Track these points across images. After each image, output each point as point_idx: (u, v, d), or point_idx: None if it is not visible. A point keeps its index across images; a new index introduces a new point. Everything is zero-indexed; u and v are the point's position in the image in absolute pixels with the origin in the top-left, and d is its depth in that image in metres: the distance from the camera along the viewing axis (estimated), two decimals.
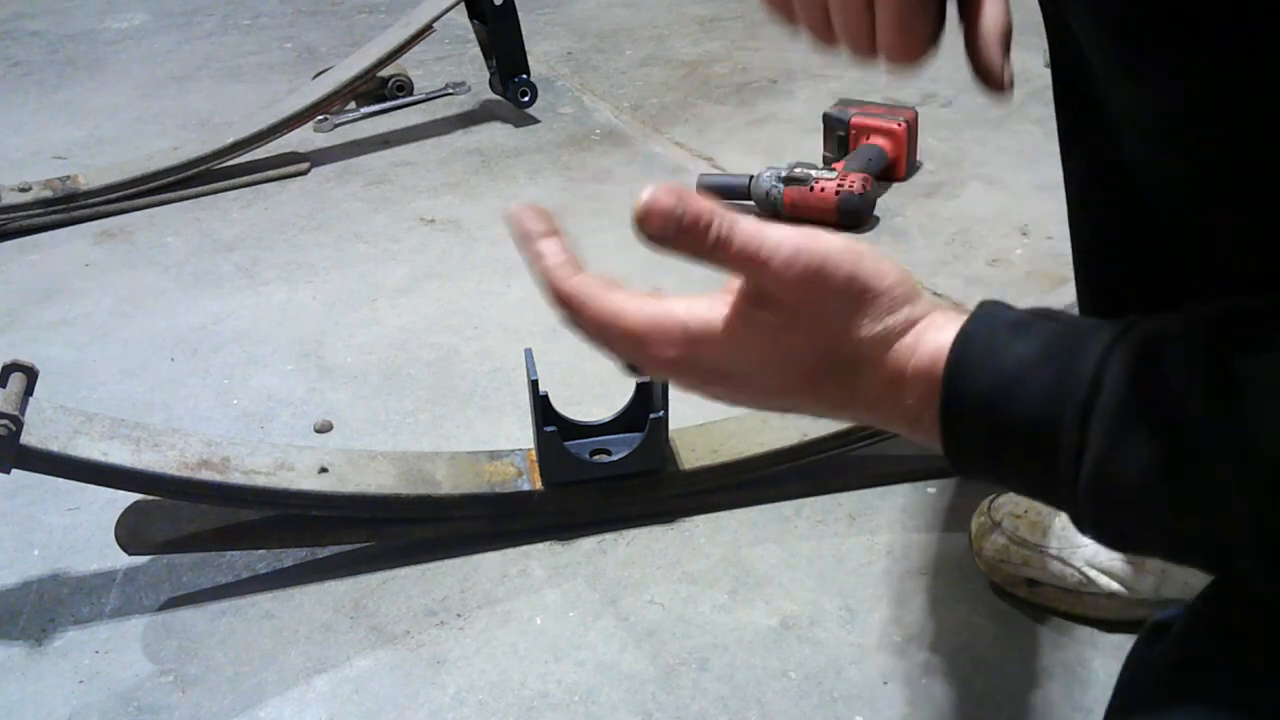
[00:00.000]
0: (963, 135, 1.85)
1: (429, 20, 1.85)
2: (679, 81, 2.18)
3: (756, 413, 1.07)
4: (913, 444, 1.05)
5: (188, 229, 1.67)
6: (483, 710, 0.85)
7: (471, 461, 1.01)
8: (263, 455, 0.94)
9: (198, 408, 1.23)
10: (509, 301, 1.43)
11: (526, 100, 1.98)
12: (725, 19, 2.55)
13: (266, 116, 1.79)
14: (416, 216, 1.67)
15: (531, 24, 2.32)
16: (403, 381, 1.26)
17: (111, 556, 0.98)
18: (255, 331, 1.38)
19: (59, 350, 1.36)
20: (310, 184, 1.80)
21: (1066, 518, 0.88)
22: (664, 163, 1.81)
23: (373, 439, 1.17)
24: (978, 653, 0.87)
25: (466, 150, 1.90)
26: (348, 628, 0.93)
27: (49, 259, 1.60)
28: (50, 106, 2.20)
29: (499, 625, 0.92)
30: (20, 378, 0.87)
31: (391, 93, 2.08)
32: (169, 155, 1.75)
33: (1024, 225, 1.55)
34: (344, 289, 1.48)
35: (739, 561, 0.98)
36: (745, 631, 0.90)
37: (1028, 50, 2.18)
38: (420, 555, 0.99)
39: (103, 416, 0.90)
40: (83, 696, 0.87)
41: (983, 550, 0.91)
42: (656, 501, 1.02)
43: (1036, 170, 1.71)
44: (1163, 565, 0.83)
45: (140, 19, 2.75)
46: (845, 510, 1.03)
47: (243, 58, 2.44)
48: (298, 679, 0.88)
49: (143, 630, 0.93)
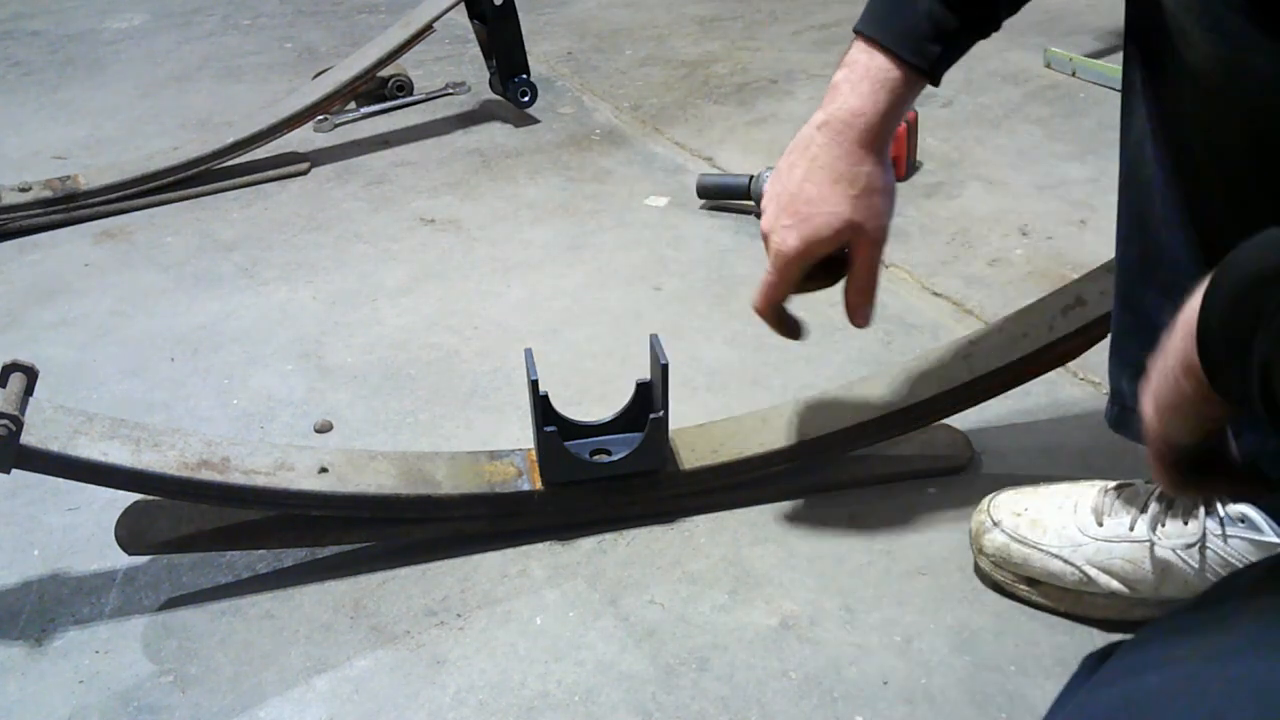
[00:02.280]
0: (963, 135, 1.85)
1: (429, 20, 1.85)
2: (679, 81, 2.18)
3: (756, 412, 1.07)
4: (912, 444, 1.05)
5: (188, 229, 1.67)
6: (483, 710, 0.85)
7: (471, 461, 1.01)
8: (263, 455, 0.94)
9: (198, 408, 1.23)
10: (509, 301, 1.43)
11: (526, 100, 1.98)
12: (725, 19, 2.55)
13: (266, 116, 1.79)
14: (416, 216, 1.67)
15: (531, 24, 2.32)
16: (403, 381, 1.26)
17: (111, 556, 0.98)
18: (255, 331, 1.38)
19: (59, 350, 1.36)
20: (310, 184, 1.80)
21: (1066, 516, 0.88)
22: (664, 163, 1.81)
23: (373, 439, 1.17)
24: (978, 653, 0.87)
25: (466, 150, 1.90)
26: (348, 628, 0.93)
27: (49, 259, 1.60)
28: (50, 106, 2.20)
29: (499, 625, 0.92)
30: (20, 378, 0.87)
31: (391, 93, 2.08)
32: (169, 155, 1.75)
33: (1024, 225, 1.55)
34: (344, 289, 1.48)
35: (739, 561, 0.98)
36: (745, 631, 0.90)
37: (1028, 50, 2.18)
38: (420, 555, 0.99)
39: (103, 416, 0.90)
40: (83, 696, 0.87)
41: (983, 548, 0.91)
42: (656, 501, 1.02)
43: (1036, 170, 1.71)
44: (1164, 565, 0.83)
45: (140, 19, 2.75)
46: (845, 510, 1.03)
47: (243, 58, 2.44)
48: (298, 679, 0.88)
49: (143, 630, 0.93)
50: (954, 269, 1.45)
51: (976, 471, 1.07)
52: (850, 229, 0.82)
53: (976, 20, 0.81)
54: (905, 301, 1.38)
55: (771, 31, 2.45)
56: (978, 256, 1.48)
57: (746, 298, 0.93)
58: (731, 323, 1.32)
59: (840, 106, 0.81)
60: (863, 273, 0.85)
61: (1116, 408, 0.86)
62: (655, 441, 0.97)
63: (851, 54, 0.81)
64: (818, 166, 0.81)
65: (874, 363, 1.23)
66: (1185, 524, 0.83)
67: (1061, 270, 1.41)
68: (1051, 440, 1.11)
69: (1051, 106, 1.94)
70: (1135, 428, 0.85)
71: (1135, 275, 0.82)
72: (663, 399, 0.96)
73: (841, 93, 0.81)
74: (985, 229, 1.55)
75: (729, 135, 1.91)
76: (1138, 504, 0.86)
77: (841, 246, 0.84)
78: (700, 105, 2.05)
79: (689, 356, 1.26)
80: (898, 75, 0.79)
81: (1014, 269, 1.44)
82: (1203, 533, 0.82)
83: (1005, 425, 1.12)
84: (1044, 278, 1.40)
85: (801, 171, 0.82)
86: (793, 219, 0.82)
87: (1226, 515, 0.82)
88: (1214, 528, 0.82)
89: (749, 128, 1.94)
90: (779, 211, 0.83)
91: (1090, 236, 1.50)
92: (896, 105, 0.81)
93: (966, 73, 2.10)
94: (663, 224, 1.60)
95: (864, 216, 0.82)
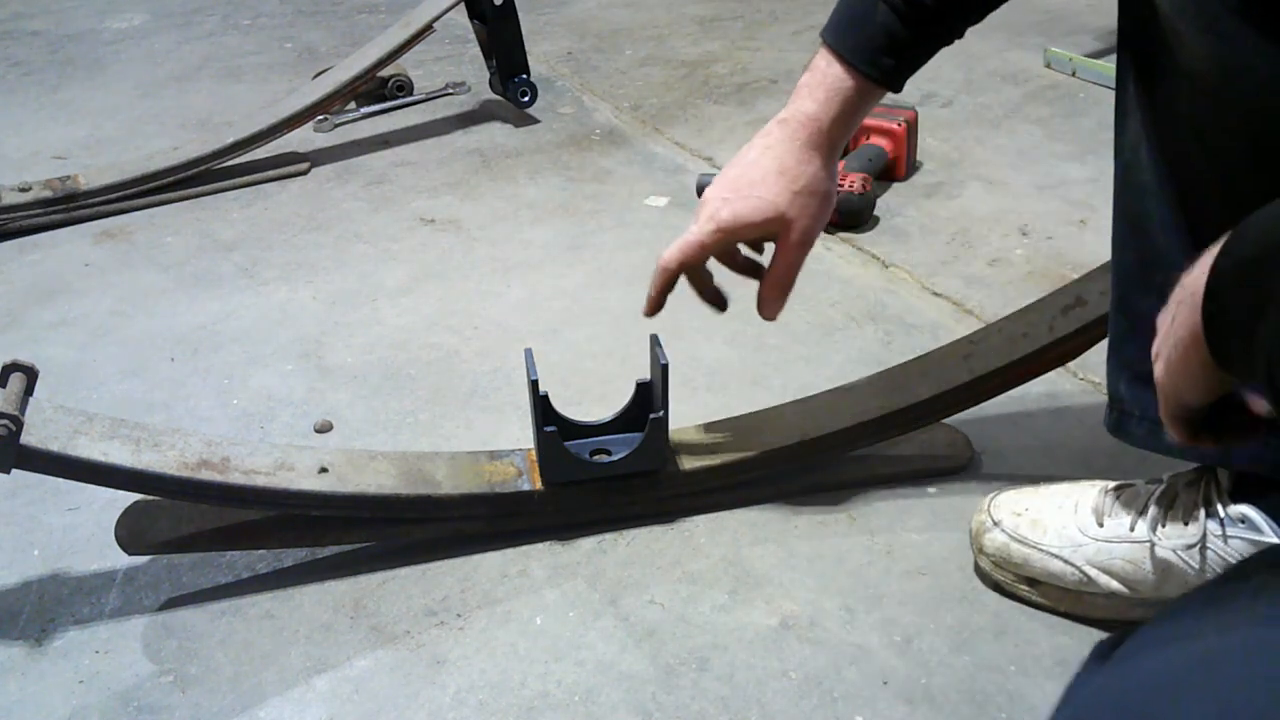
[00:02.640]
0: (963, 135, 1.85)
1: (429, 20, 1.85)
2: (679, 81, 2.18)
3: (756, 413, 1.07)
4: (913, 444, 1.05)
5: (188, 229, 1.67)
6: (483, 710, 0.85)
7: (471, 461, 1.01)
8: (263, 455, 0.94)
9: (198, 408, 1.23)
10: (509, 301, 1.43)
11: (526, 100, 1.98)
12: (725, 19, 2.55)
13: (266, 116, 1.79)
14: (416, 216, 1.67)
15: (531, 24, 2.32)
16: (403, 381, 1.26)
17: (111, 556, 0.98)
18: (255, 331, 1.38)
19: (59, 350, 1.36)
20: (310, 184, 1.80)
21: (1067, 517, 0.88)
22: (664, 163, 1.81)
23: (373, 439, 1.17)
24: (978, 653, 0.87)
25: (466, 150, 1.90)
26: (348, 628, 0.93)
27: (49, 259, 1.60)
28: (50, 106, 2.20)
29: (499, 625, 0.92)
30: (20, 378, 0.87)
31: (391, 93, 2.08)
32: (169, 155, 1.75)
33: (1024, 225, 1.55)
34: (344, 289, 1.48)
35: (739, 561, 0.98)
36: (745, 631, 0.90)
37: (1028, 50, 2.18)
38: (420, 555, 0.99)
39: (103, 416, 0.90)
40: (83, 696, 0.87)
41: (983, 548, 0.91)
42: (656, 501, 1.02)
43: (1036, 170, 1.71)
44: (1164, 566, 0.83)
45: (140, 19, 2.75)
46: (845, 510, 1.03)
47: (243, 58, 2.44)
48: (298, 679, 0.88)
49: (143, 630, 0.93)
50: (954, 269, 1.45)
51: (976, 471, 1.07)
52: (780, 220, 0.87)
53: (931, 36, 0.84)
54: (905, 301, 1.38)
55: (771, 31, 2.45)
56: (978, 256, 1.48)
57: (746, 298, 0.93)
58: (731, 323, 1.32)
59: (798, 109, 0.86)
60: (781, 267, 0.89)
61: (1115, 413, 0.86)
62: (655, 441, 0.97)
63: (816, 59, 0.87)
64: (769, 155, 0.87)
65: (874, 363, 1.22)
66: (1185, 525, 0.83)
67: (1061, 270, 1.41)
68: (1051, 440, 1.11)
69: (1051, 106, 1.94)
70: (1134, 433, 0.85)
71: (1132, 279, 0.83)
72: (663, 399, 0.96)
73: (801, 96, 0.87)
74: (985, 229, 1.55)
75: (729, 135, 1.91)
76: (1138, 505, 0.86)
77: (769, 236, 0.89)
78: (700, 105, 2.05)
79: (689, 356, 1.26)
80: (852, 85, 0.85)
81: (1014, 269, 1.44)
82: (1203, 534, 0.82)
83: (1005, 425, 1.12)
84: (1044, 278, 1.40)
85: (753, 155, 0.87)
86: (732, 194, 0.87)
87: (1227, 516, 0.82)
88: (1214, 528, 0.82)
89: (749, 128, 1.94)
90: (722, 184, 0.88)
91: (1090, 236, 1.50)
92: (851, 113, 0.86)
93: (966, 73, 2.11)
94: (663, 224, 1.60)
95: (796, 213, 0.87)
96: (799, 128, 0.86)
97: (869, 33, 0.83)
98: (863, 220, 1.55)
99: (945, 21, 0.83)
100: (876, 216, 1.58)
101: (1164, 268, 0.78)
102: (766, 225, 0.87)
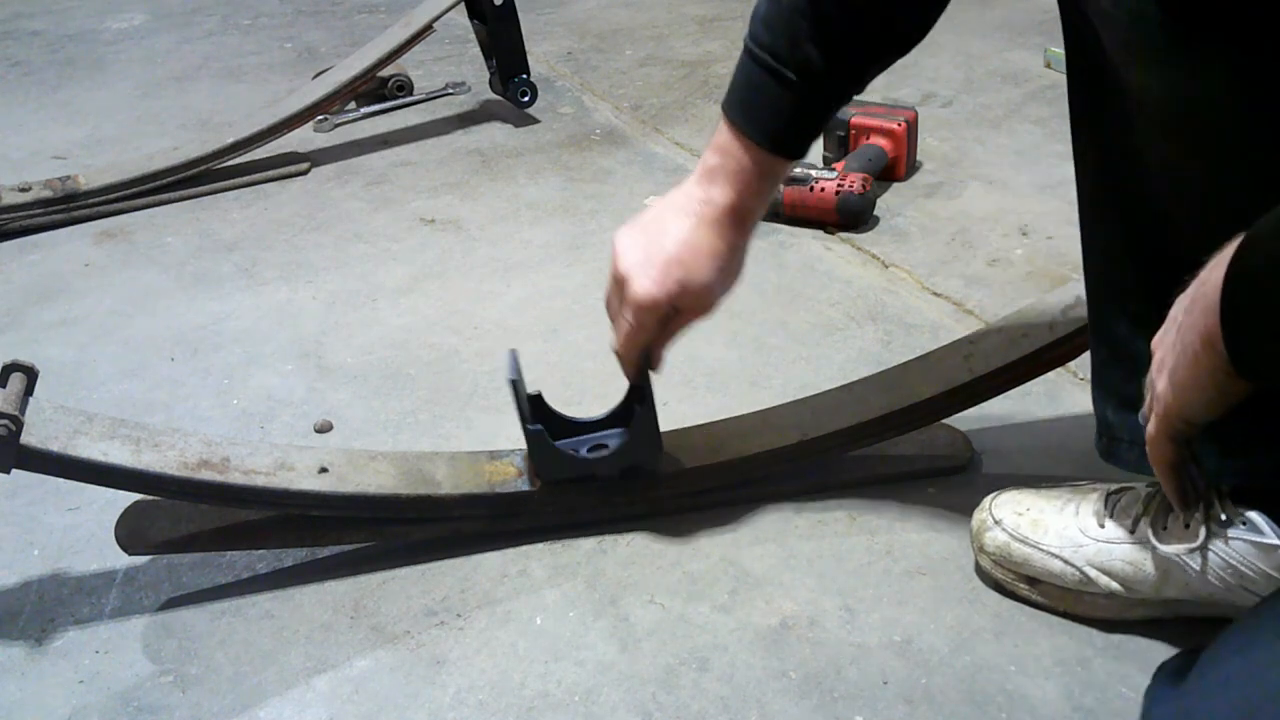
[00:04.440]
0: (963, 135, 1.85)
1: (429, 20, 1.85)
2: (679, 81, 2.18)
3: (756, 413, 1.07)
4: (912, 444, 1.05)
5: (188, 229, 1.67)
6: (483, 710, 0.85)
7: (471, 461, 1.01)
8: (263, 455, 0.94)
9: (198, 408, 1.23)
10: (509, 301, 1.43)
11: (526, 100, 1.98)
12: (725, 19, 2.55)
13: (266, 116, 1.79)
14: (416, 216, 1.67)
15: (531, 24, 2.32)
16: (403, 381, 1.26)
17: (111, 556, 0.98)
18: (255, 331, 1.38)
19: (59, 350, 1.36)
20: (310, 184, 1.80)
21: (1068, 518, 0.88)
22: (664, 163, 1.81)
23: (373, 439, 1.17)
24: (978, 653, 0.87)
25: (466, 150, 1.90)
26: (348, 628, 0.93)
27: (49, 259, 1.60)
28: (50, 106, 2.20)
29: (499, 625, 0.92)
30: (20, 378, 0.87)
31: (391, 93, 2.08)
32: (169, 155, 1.75)
33: (1024, 225, 1.55)
34: (344, 289, 1.48)
35: (739, 561, 0.98)
36: (745, 631, 0.90)
37: (1028, 50, 2.18)
38: (420, 555, 0.99)
39: (103, 416, 0.90)
40: (83, 696, 0.87)
41: (983, 547, 0.91)
42: (656, 501, 1.02)
43: (1036, 170, 1.71)
44: (1165, 568, 0.83)
45: (140, 19, 2.75)
46: (845, 510, 1.03)
47: (243, 58, 2.44)
48: (298, 679, 0.88)
49: (143, 630, 0.93)
50: (954, 269, 1.45)
51: (976, 471, 1.07)
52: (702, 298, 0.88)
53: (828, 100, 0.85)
54: (905, 301, 1.38)
55: None
56: (978, 256, 1.48)
57: (746, 298, 0.93)
58: (731, 323, 1.32)
59: (717, 198, 0.87)
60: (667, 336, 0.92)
61: (1105, 439, 0.86)
62: (646, 435, 0.97)
63: (721, 138, 0.87)
64: (697, 236, 0.87)
65: (874, 363, 1.22)
66: (1186, 527, 0.83)
67: (1061, 270, 1.41)
68: (1051, 440, 1.11)
69: (1051, 106, 1.94)
70: (1125, 458, 0.85)
71: (1105, 307, 0.83)
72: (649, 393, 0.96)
73: (718, 183, 0.87)
74: (985, 229, 1.55)
75: None
76: (1139, 507, 0.86)
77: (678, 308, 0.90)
78: (700, 105, 2.05)
79: (689, 356, 1.26)
80: (765, 162, 0.86)
81: (1014, 269, 1.44)
82: (1204, 535, 0.82)
83: (1005, 425, 1.12)
84: (1044, 278, 1.40)
85: (683, 233, 0.87)
86: (661, 273, 0.87)
87: (1228, 518, 0.82)
88: (1215, 531, 0.82)
89: None
90: (646, 261, 0.87)
91: None
92: (767, 188, 0.88)
93: (966, 73, 2.11)
94: None
95: (720, 291, 0.89)
96: (722, 214, 0.87)
97: (774, 107, 0.83)
98: (863, 220, 1.55)
99: (837, 81, 0.84)
100: (876, 216, 1.58)
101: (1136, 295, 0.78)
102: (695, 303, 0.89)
